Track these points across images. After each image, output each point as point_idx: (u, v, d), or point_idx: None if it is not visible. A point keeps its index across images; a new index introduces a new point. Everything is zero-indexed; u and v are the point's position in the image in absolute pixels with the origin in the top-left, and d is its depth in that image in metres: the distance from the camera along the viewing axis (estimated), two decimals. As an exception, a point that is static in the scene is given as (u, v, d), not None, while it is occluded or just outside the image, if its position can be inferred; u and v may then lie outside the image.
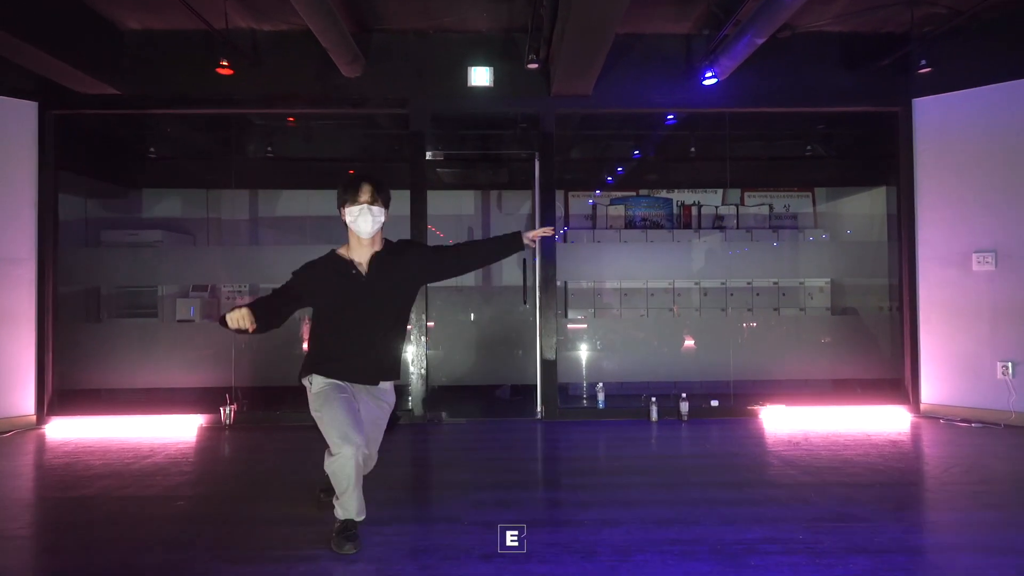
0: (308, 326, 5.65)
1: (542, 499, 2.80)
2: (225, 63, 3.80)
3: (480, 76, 4.35)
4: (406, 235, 4.37)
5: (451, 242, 2.62)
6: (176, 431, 4.11)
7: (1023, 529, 2.33)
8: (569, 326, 5.10)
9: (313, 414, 2.23)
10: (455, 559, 2.08)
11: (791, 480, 2.96)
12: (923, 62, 4.07)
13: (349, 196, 2.26)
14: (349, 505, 2.16)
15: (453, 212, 6.50)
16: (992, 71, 4.18)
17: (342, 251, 2.36)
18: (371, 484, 2.30)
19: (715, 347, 4.95)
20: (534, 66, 4.06)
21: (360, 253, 2.32)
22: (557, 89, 4.27)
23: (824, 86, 4.48)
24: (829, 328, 5.35)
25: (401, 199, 6.11)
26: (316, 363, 2.29)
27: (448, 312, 5.78)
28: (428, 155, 4.46)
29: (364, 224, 2.25)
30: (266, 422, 4.31)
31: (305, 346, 5.12)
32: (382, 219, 2.29)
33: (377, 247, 2.33)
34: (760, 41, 3.76)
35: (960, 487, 2.86)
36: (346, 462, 2.09)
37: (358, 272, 2.29)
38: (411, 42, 4.36)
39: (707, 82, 4.24)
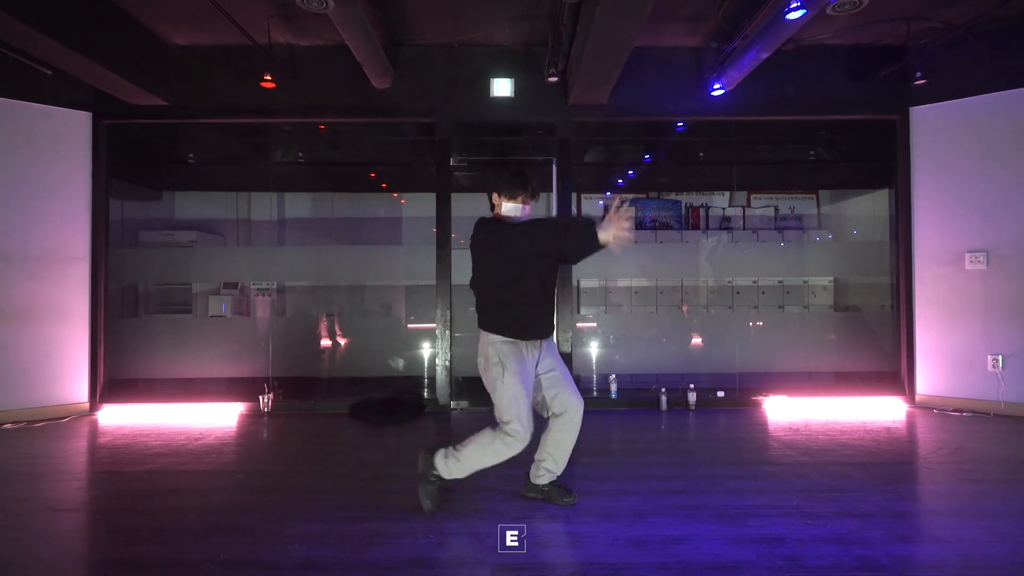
0: (336, 324, 6.07)
1: (564, 474, 3.09)
2: (269, 77, 4.12)
3: (502, 87, 4.65)
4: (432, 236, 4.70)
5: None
6: (219, 418, 4.44)
7: (1000, 499, 2.61)
8: (578, 324, 5.40)
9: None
10: (495, 519, 2.38)
11: (789, 460, 3.24)
12: (919, 74, 4.33)
13: (515, 193, 2.47)
14: (464, 470, 2.46)
15: (470, 214, 6.79)
16: (984, 82, 4.44)
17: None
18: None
19: (721, 342, 5.23)
20: (554, 79, 4.36)
21: None
22: (575, 99, 4.56)
23: (826, 96, 4.75)
24: (831, 324, 5.62)
25: (421, 200, 6.46)
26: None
27: (471, 306, 6.09)
28: (452, 161, 4.76)
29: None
30: (303, 409, 4.63)
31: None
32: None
33: None
34: (765, 55, 4.04)
35: (946, 466, 3.14)
36: (513, 452, 2.38)
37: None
38: (437, 55, 4.67)
39: (715, 93, 4.52)
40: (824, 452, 3.38)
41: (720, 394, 4.76)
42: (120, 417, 4.49)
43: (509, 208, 2.49)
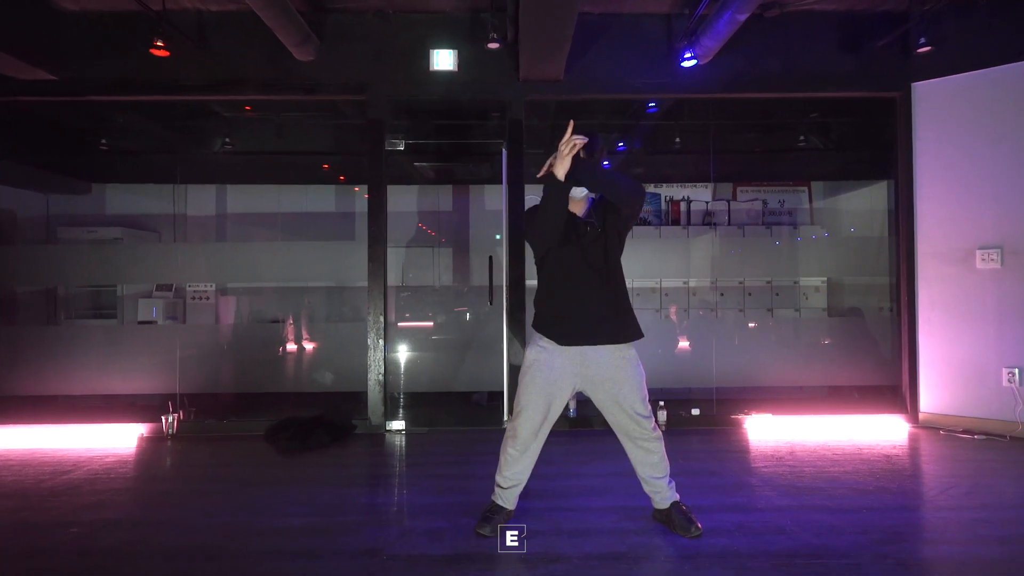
0: (291, 327, 5.46)
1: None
2: (160, 44, 3.50)
3: (444, 60, 4.04)
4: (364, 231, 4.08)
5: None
6: (113, 442, 3.82)
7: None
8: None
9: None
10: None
11: (767, 504, 2.64)
12: (922, 40, 3.73)
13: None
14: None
15: (430, 208, 6.21)
16: (998, 51, 3.83)
17: None
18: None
19: (701, 352, 4.63)
20: (495, 45, 3.75)
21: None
22: (526, 73, 3.96)
23: (816, 70, 4.14)
24: (825, 330, 5.02)
25: (396, 194, 5.91)
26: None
27: (413, 312, 5.53)
28: (387, 145, 4.14)
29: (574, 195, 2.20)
30: (215, 431, 4.02)
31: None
32: None
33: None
34: (742, 17, 3.43)
35: (958, 513, 2.54)
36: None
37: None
38: (370, 23, 4.06)
39: (686, 63, 3.91)
40: (810, 491, 2.78)
41: (695, 412, 4.16)
42: (4, 442, 3.87)
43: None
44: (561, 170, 1.99)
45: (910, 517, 2.51)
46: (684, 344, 4.84)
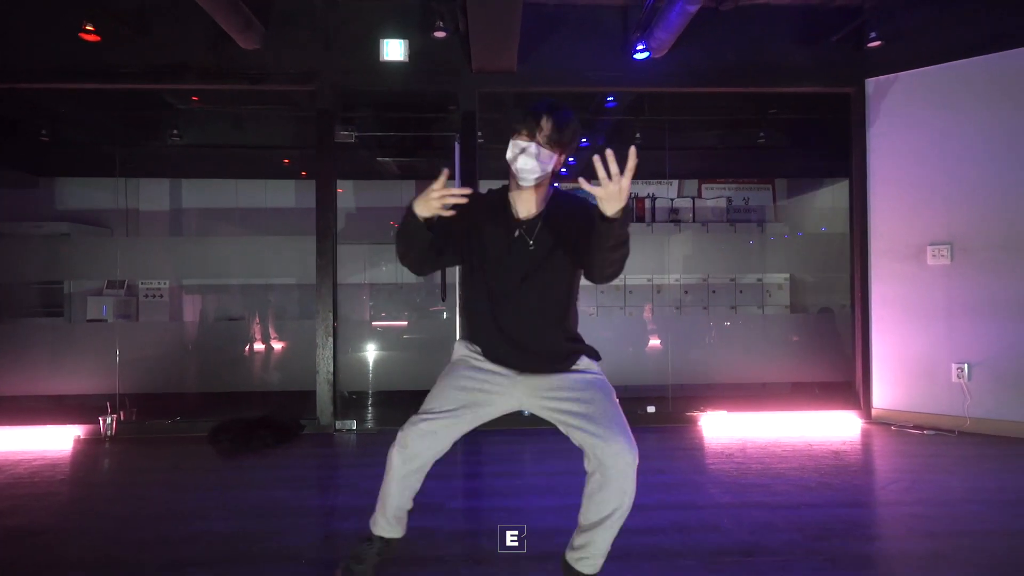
0: (258, 326, 5.32)
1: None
2: (90, 28, 3.35)
3: (394, 50, 3.93)
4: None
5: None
6: (47, 444, 3.66)
7: (952, 565, 1.98)
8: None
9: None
10: None
11: (708, 502, 2.59)
12: (872, 35, 3.72)
13: (516, 127, 1.66)
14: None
15: (396, 204, 6.09)
16: (949, 47, 3.84)
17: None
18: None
19: (658, 347, 4.60)
20: (441, 34, 3.67)
21: (523, 205, 1.75)
22: (478, 65, 3.88)
23: (771, 64, 4.12)
24: (786, 327, 5.03)
25: (365, 189, 5.75)
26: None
27: (359, 311, 5.43)
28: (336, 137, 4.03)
29: (522, 166, 1.65)
30: (155, 432, 3.88)
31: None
32: (550, 167, 1.68)
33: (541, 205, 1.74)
34: (692, 9, 3.39)
35: (896, 508, 2.52)
36: None
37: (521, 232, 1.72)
38: (317, 10, 3.94)
39: (638, 56, 3.86)
40: (753, 489, 2.74)
41: (651, 409, 4.12)
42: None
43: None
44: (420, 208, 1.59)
45: (848, 513, 2.47)
46: (645, 341, 4.81)
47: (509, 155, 1.66)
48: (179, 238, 6.01)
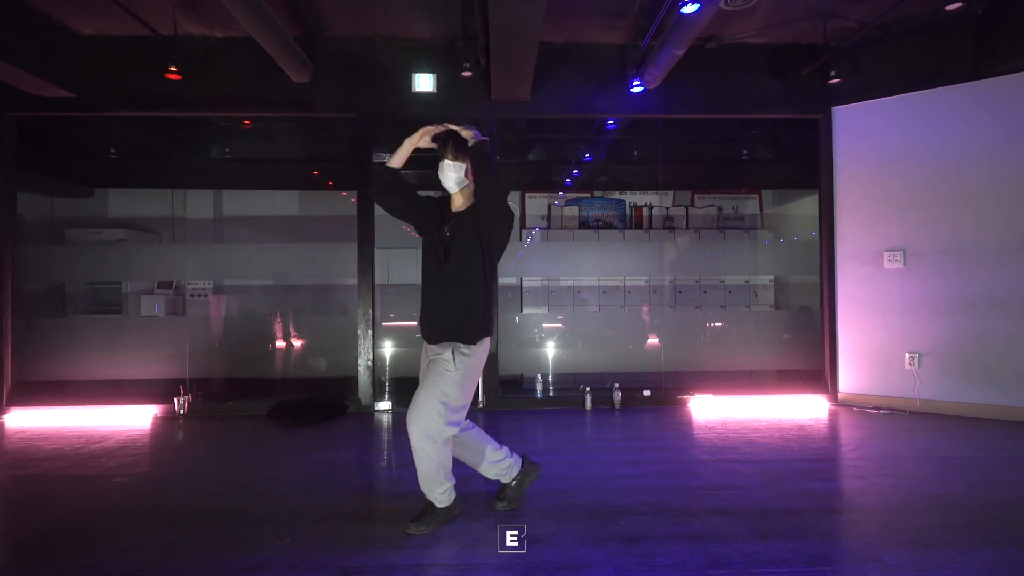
0: (279, 323, 5.98)
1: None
2: (174, 68, 4.00)
3: (424, 82, 4.58)
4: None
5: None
6: (131, 420, 4.30)
7: (873, 496, 2.60)
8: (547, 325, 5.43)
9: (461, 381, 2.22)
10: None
11: (688, 458, 3.22)
12: (832, 73, 4.36)
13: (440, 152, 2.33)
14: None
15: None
16: (902, 81, 4.48)
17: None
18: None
19: (660, 341, 5.22)
20: (467, 74, 4.30)
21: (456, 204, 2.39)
22: (496, 95, 4.51)
23: (751, 94, 4.76)
24: (769, 323, 5.65)
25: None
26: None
27: (400, 307, 6.04)
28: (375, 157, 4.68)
29: (444, 179, 2.34)
30: (220, 412, 4.51)
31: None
32: (461, 173, 2.32)
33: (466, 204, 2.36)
34: (679, 52, 4.02)
35: (836, 463, 3.15)
36: None
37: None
38: (358, 49, 4.58)
39: (634, 90, 4.50)
40: (728, 450, 3.36)
41: (647, 393, 4.74)
42: (27, 420, 4.32)
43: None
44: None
45: (804, 466, 3.09)
46: (643, 335, 5.43)
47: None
48: (224, 244, 6.64)
